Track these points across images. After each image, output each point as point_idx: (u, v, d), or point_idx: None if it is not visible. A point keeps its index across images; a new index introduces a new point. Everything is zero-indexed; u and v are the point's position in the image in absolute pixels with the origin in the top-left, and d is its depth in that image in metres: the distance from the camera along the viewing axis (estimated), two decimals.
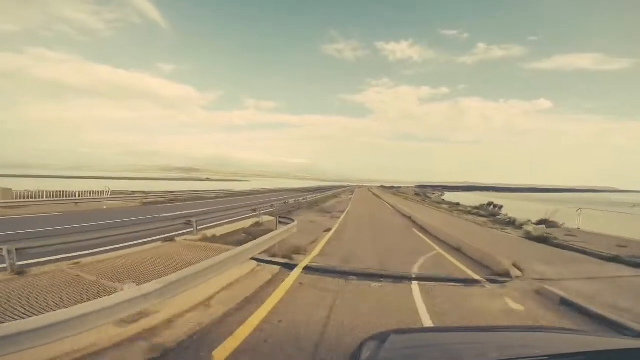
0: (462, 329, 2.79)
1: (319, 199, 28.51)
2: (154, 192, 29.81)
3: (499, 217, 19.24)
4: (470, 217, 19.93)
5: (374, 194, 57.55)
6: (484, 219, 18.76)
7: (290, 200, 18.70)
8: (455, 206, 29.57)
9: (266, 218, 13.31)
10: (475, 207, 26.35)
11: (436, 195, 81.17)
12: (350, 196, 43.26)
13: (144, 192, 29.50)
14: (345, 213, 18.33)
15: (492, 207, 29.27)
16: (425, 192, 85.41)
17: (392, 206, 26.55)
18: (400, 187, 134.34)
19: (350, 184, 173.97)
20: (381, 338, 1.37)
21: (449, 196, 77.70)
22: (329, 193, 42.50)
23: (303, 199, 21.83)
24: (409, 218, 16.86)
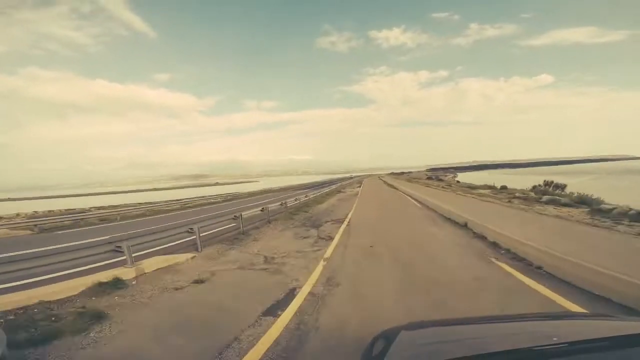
0: (473, 320, 2.06)
1: (312, 200, 20.90)
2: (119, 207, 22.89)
3: (605, 206, 11.24)
4: (551, 209, 12.03)
5: (385, 182, 49.63)
6: (580, 212, 10.90)
7: (249, 211, 11.17)
8: (501, 191, 21.42)
9: (158, 263, 5.82)
10: (536, 192, 18.28)
11: (449, 177, 72.66)
12: (357, 189, 35.43)
13: (101, 207, 22.98)
14: (345, 225, 10.66)
15: (552, 187, 21.22)
16: (437, 176, 77.13)
17: (416, 200, 18.74)
18: (411, 172, 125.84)
19: (359, 174, 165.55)
20: (394, 333, 1.25)
21: (462, 177, 69.66)
22: (328, 188, 34.90)
23: (281, 204, 14.22)
24: (464, 226, 9.11)
